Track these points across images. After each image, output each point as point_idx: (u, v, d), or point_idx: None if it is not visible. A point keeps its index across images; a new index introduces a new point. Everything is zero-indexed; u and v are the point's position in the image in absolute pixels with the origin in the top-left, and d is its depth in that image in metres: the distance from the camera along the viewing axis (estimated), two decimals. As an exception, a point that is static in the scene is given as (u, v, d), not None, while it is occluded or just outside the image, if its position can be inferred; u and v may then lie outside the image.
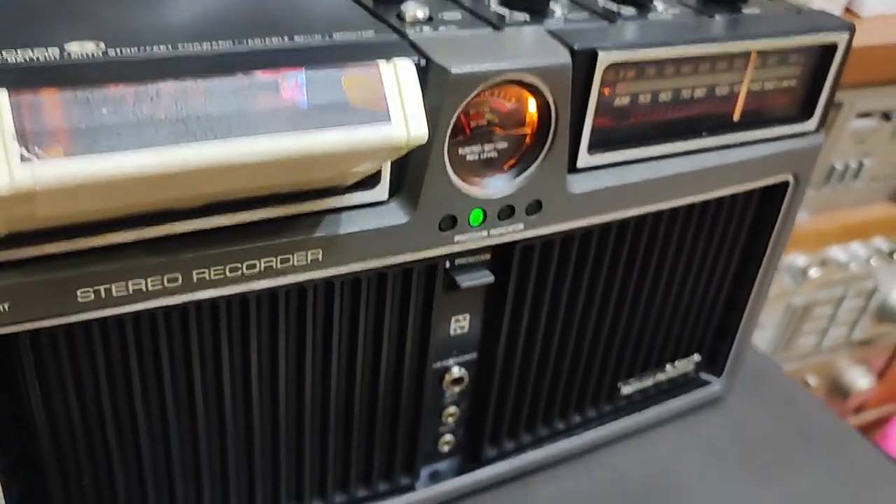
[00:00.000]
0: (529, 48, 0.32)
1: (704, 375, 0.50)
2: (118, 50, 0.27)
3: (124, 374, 0.31)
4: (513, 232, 0.35)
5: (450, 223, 0.33)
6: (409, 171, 0.32)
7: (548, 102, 0.33)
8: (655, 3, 0.39)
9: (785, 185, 0.44)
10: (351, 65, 0.25)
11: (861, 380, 1.04)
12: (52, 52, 0.26)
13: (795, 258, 0.85)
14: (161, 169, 0.22)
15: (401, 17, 0.33)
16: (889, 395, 1.17)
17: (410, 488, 0.41)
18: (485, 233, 0.35)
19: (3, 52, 0.26)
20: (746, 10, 0.40)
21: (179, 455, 0.34)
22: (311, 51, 0.29)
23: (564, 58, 0.32)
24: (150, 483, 0.34)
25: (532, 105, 0.33)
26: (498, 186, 0.34)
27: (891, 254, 0.90)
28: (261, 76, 0.23)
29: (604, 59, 0.33)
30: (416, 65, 0.27)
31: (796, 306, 0.90)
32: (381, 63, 0.25)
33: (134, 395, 0.32)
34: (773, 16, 0.40)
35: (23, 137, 0.21)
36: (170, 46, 0.28)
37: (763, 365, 0.55)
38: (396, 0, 0.34)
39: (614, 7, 0.37)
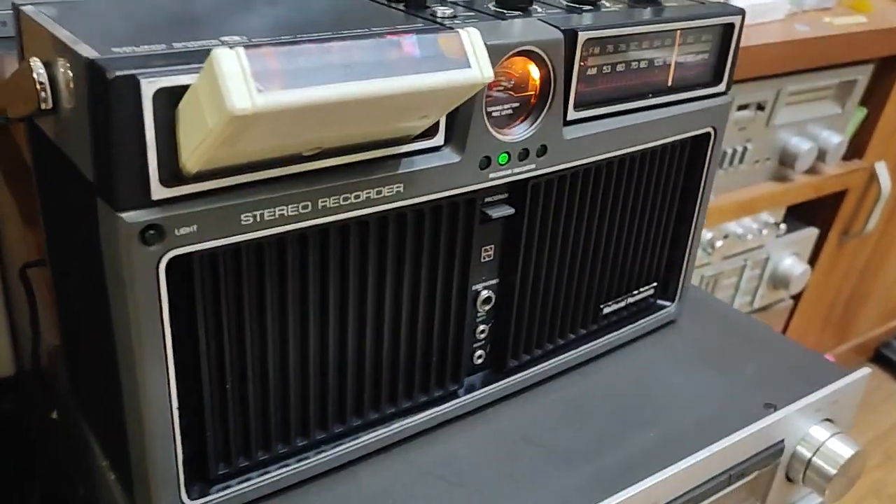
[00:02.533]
0: (531, 30, 0.45)
1: (661, 301, 0.63)
2: (259, 39, 0.37)
3: (258, 288, 0.40)
4: (528, 171, 0.47)
5: (486, 163, 0.45)
6: (457, 124, 0.43)
7: (548, 69, 0.45)
8: (603, 2, 0.52)
9: (708, 136, 0.57)
10: (443, 32, 0.36)
11: (765, 343, 1.20)
12: (214, 43, 0.37)
13: (703, 233, 1.00)
14: (340, 96, 0.32)
15: (434, 15, 0.45)
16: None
17: (456, 395, 0.51)
18: (509, 171, 0.46)
19: (188, 42, 0.36)
20: (667, 4, 0.53)
21: (295, 358, 0.43)
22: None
23: (558, 35, 0.45)
24: (272, 385, 0.43)
25: (535, 73, 0.45)
26: (518, 133, 0.45)
27: (777, 224, 1.07)
28: (389, 37, 0.34)
29: (582, 35, 0.46)
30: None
31: (708, 277, 1.05)
32: (461, 31, 0.36)
33: (265, 307, 0.41)
34: (686, 6, 0.54)
35: (255, 77, 0.31)
36: (291, 37, 0.38)
37: (701, 295, 0.69)
38: (421, 6, 0.46)
39: (576, 5, 0.50)
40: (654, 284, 0.61)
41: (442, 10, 0.45)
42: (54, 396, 0.61)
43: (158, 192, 0.35)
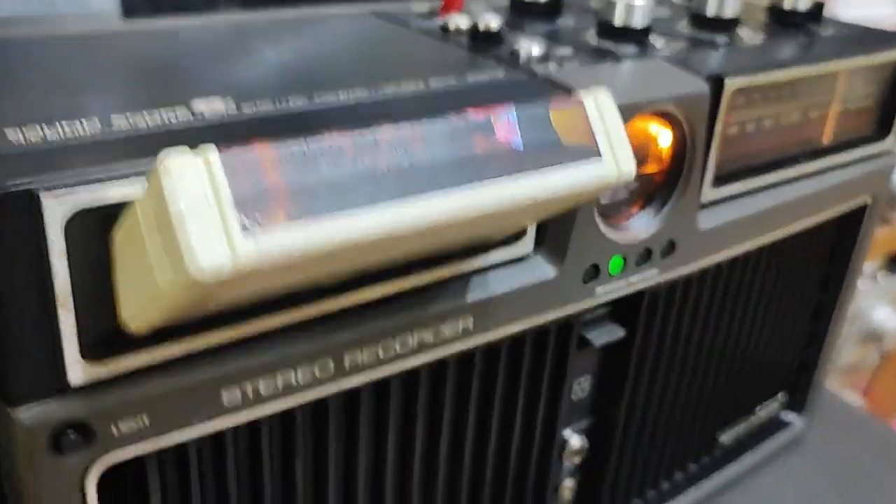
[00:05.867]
0: (664, 78, 0.30)
1: (785, 415, 0.48)
2: (252, 105, 0.23)
3: (252, 486, 0.26)
4: (648, 278, 0.32)
5: (593, 273, 0.30)
6: (552, 222, 0.29)
7: (684, 133, 0.30)
8: (739, 30, 0.37)
9: (863, 208, 0.42)
10: (555, 100, 0.21)
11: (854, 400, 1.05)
12: (182, 115, 0.22)
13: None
14: (394, 227, 0.18)
15: (514, 55, 0.30)
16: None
17: (530, 575, 0.37)
18: (623, 282, 0.31)
19: (138, 114, 0.22)
20: (823, 33, 0.39)
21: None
22: (456, 94, 0.26)
23: (702, 87, 0.30)
24: None
25: (665, 139, 0.31)
26: (638, 228, 0.31)
27: (874, 276, 0.92)
28: (473, 115, 0.20)
29: (730, 84, 0.31)
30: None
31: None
32: (584, 96, 0.22)
33: (266, 511, 0.27)
34: (848, 35, 0.39)
35: (239, 205, 0.16)
36: (306, 98, 0.24)
37: (824, 396, 0.54)
38: (494, 41, 0.32)
39: (706, 36, 0.36)
40: (782, 396, 0.47)
41: (526, 49, 0.30)
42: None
43: (79, 371, 0.20)
